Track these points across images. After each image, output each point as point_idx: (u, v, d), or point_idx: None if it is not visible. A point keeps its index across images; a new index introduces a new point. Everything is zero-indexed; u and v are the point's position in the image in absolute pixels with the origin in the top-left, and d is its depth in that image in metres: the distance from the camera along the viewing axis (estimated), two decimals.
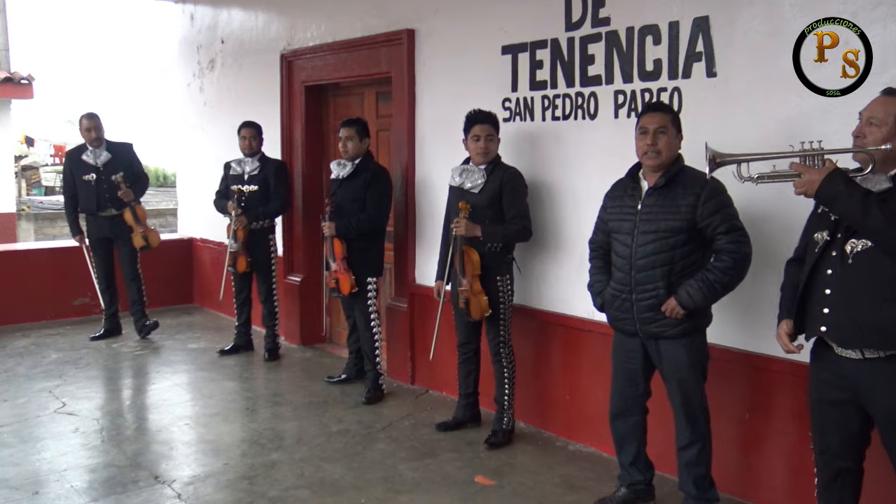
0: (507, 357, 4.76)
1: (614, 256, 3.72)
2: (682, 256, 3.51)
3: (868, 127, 2.85)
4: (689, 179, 3.53)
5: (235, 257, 6.51)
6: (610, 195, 3.81)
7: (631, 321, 3.63)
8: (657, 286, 3.52)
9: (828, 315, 2.87)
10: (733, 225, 3.46)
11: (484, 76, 5.18)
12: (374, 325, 5.64)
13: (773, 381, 3.84)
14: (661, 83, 4.17)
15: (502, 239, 4.60)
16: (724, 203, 3.49)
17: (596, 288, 3.85)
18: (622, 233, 3.64)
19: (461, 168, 4.78)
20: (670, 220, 3.49)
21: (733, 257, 3.45)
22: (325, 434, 4.97)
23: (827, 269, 2.88)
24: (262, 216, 6.50)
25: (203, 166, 8.61)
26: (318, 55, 6.75)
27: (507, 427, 4.80)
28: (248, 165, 6.58)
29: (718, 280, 3.45)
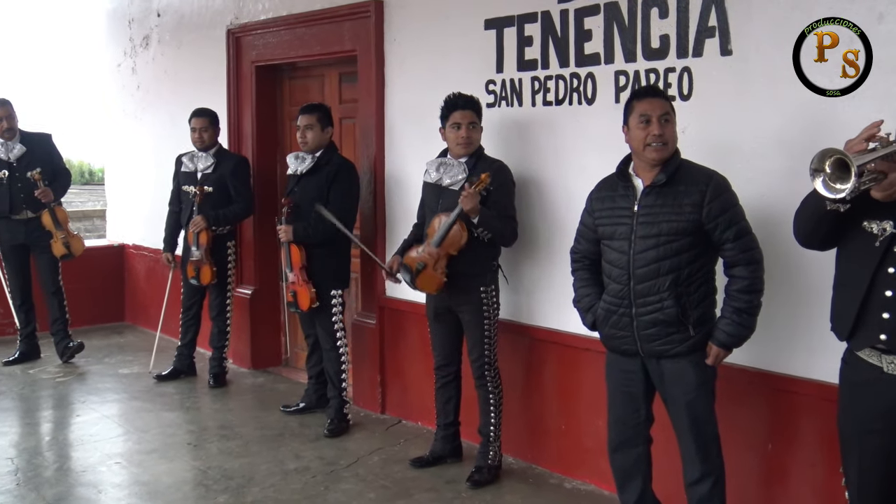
0: (492, 381, 4.78)
1: (608, 266, 3.74)
2: (688, 262, 3.54)
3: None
4: (691, 175, 3.58)
5: (199, 267, 6.48)
6: (596, 196, 3.83)
7: (630, 339, 3.65)
8: (662, 297, 3.54)
9: (889, 321, 2.87)
10: (742, 229, 3.52)
11: (464, 55, 5.21)
12: (341, 344, 5.64)
13: (798, 406, 3.88)
14: (669, 62, 4.22)
15: (496, 230, 4.60)
16: (731, 202, 3.54)
17: (585, 303, 3.87)
18: (617, 238, 3.66)
19: (438, 161, 4.80)
20: (673, 222, 3.53)
21: (750, 270, 3.51)
22: (281, 472, 4.97)
23: (889, 268, 2.88)
24: (221, 220, 6.47)
25: (136, 160, 8.59)
26: (272, 30, 6.76)
27: (493, 462, 4.82)
28: (201, 161, 6.57)
29: (748, 302, 3.53)
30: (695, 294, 3.57)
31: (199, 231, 6.38)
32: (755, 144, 3.92)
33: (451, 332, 4.87)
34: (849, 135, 3.29)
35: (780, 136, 3.84)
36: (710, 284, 3.65)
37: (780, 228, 3.73)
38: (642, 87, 4.08)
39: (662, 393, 3.72)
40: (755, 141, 3.92)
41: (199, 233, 6.39)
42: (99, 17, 9.23)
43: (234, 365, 7.20)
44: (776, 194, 3.79)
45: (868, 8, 3.53)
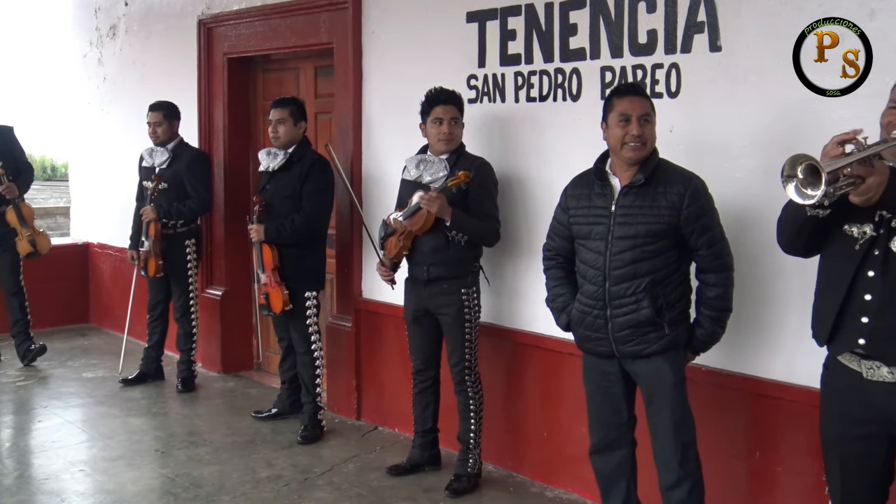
0: (473, 386, 4.79)
1: (583, 266, 3.76)
2: (665, 264, 3.59)
3: None
4: (670, 176, 3.62)
5: (147, 258, 6.49)
6: (571, 193, 3.86)
7: (606, 341, 3.68)
8: (638, 299, 3.58)
9: (868, 325, 2.92)
10: (716, 235, 3.60)
11: (445, 48, 5.22)
12: (315, 348, 5.64)
13: (786, 412, 3.91)
14: (657, 58, 4.25)
15: (472, 232, 4.62)
16: (708, 206, 3.61)
17: (559, 303, 3.90)
18: (593, 238, 3.69)
19: (418, 158, 4.80)
20: (651, 224, 3.56)
21: (721, 277, 3.63)
22: (253, 480, 4.96)
23: (868, 271, 2.92)
24: (173, 214, 6.45)
25: (102, 155, 8.54)
26: (245, 21, 6.74)
27: (473, 470, 4.83)
28: (157, 157, 6.56)
29: (721, 312, 3.66)
30: (671, 295, 3.62)
31: (149, 222, 6.38)
32: (744, 143, 3.96)
33: (430, 335, 4.88)
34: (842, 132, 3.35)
35: (770, 134, 3.87)
36: (685, 285, 3.71)
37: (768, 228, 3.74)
38: (623, 84, 4.10)
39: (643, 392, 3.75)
40: (744, 139, 3.96)
41: (149, 224, 6.39)
42: (64, 4, 9.17)
43: (203, 369, 7.19)
44: (764, 194, 3.81)
45: (859, 4, 3.57)
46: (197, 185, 6.57)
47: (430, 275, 4.70)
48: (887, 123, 2.95)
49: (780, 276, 3.80)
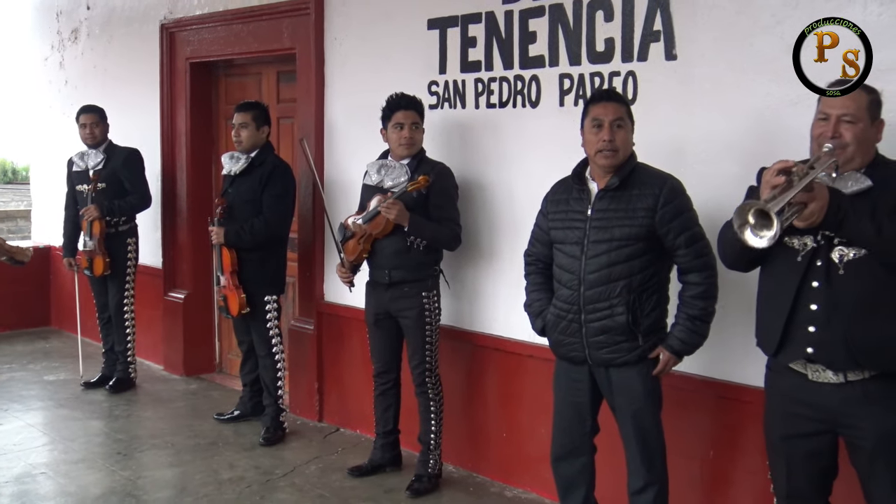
0: (433, 388, 4.78)
1: (559, 271, 3.75)
2: (641, 269, 3.56)
3: (844, 125, 2.96)
4: (645, 178, 3.60)
5: (91, 257, 6.41)
6: (551, 199, 3.85)
7: (579, 346, 3.67)
8: (612, 304, 3.56)
9: (815, 334, 2.95)
10: (694, 234, 3.56)
11: (407, 55, 5.21)
12: (277, 351, 5.61)
13: (741, 413, 3.94)
14: (614, 66, 4.26)
15: (430, 237, 4.61)
16: (684, 207, 3.58)
17: (535, 308, 3.89)
18: (569, 243, 3.68)
19: (379, 163, 4.79)
20: (626, 227, 3.55)
21: (703, 276, 3.56)
22: (215, 482, 4.91)
23: (812, 282, 2.96)
24: (116, 211, 6.40)
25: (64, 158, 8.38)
26: (207, 26, 6.69)
27: (434, 471, 4.82)
28: (91, 159, 6.54)
29: (703, 309, 3.57)
30: (646, 302, 3.59)
31: (92, 220, 6.32)
32: (699, 149, 3.98)
33: (391, 337, 4.86)
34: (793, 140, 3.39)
35: (726, 141, 3.90)
36: (662, 293, 3.67)
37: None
38: (599, 90, 4.10)
39: (610, 402, 3.74)
40: (699, 146, 3.99)
41: (93, 223, 6.33)
42: (25, 8, 9.04)
43: (165, 371, 7.12)
44: (722, 200, 3.83)
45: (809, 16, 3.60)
46: (135, 182, 6.57)
47: (391, 278, 4.68)
48: (818, 135, 3.00)
49: (742, 280, 3.78)
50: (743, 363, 3.87)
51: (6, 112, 9.57)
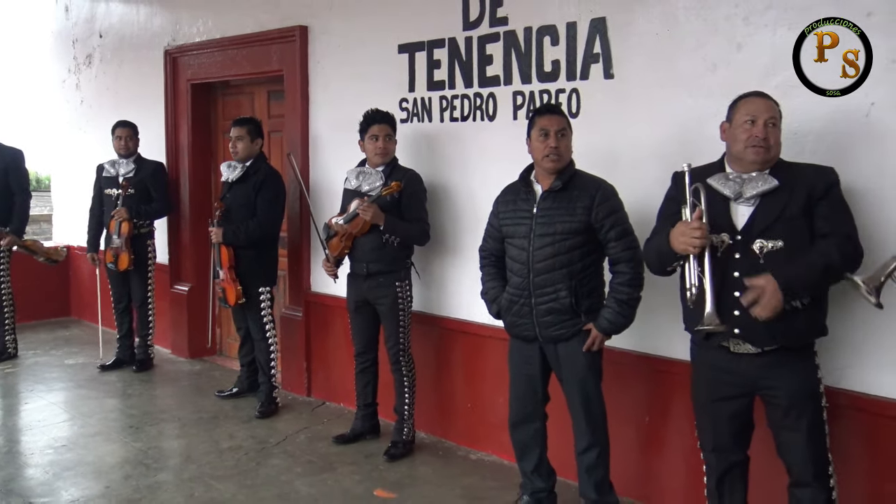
0: (406, 365, 4.78)
1: (510, 262, 3.78)
2: (580, 258, 3.60)
3: (772, 129, 3.00)
4: (583, 182, 3.65)
5: (118, 253, 6.35)
6: (502, 200, 3.88)
7: (530, 326, 3.70)
8: (557, 288, 3.60)
9: (739, 317, 2.99)
10: (624, 229, 3.60)
11: (380, 75, 5.19)
12: (270, 335, 5.58)
13: (672, 383, 3.97)
14: (560, 84, 4.28)
15: (403, 234, 4.61)
16: (616, 206, 3.63)
17: (491, 295, 3.91)
18: (518, 237, 3.71)
19: (357, 170, 4.77)
20: (567, 223, 3.58)
21: (630, 266, 3.59)
22: (216, 451, 4.88)
23: (734, 273, 3.00)
24: (143, 216, 6.38)
25: (81, 169, 8.30)
26: (206, 52, 6.63)
27: (408, 438, 4.82)
28: (122, 167, 6.47)
29: (629, 295, 3.60)
30: (586, 286, 3.63)
31: (122, 221, 6.26)
32: (633, 156, 4.01)
33: (369, 322, 4.85)
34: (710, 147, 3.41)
35: (655, 149, 3.92)
36: (599, 278, 3.72)
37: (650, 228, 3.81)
38: (544, 105, 4.12)
39: (558, 374, 3.77)
40: (633, 153, 4.01)
41: (122, 223, 6.27)
42: (45, 37, 8.92)
43: (172, 355, 7.07)
44: (652, 199, 3.85)
45: (728, 38, 3.64)
46: (161, 192, 6.56)
47: (369, 270, 4.68)
48: (748, 137, 3.00)
49: None
50: (672, 340, 3.90)
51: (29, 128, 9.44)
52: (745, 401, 3.15)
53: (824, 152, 3.31)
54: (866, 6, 3.23)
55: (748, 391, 3.12)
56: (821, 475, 3.05)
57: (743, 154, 3.01)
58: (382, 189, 4.55)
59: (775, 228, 2.95)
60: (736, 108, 3.08)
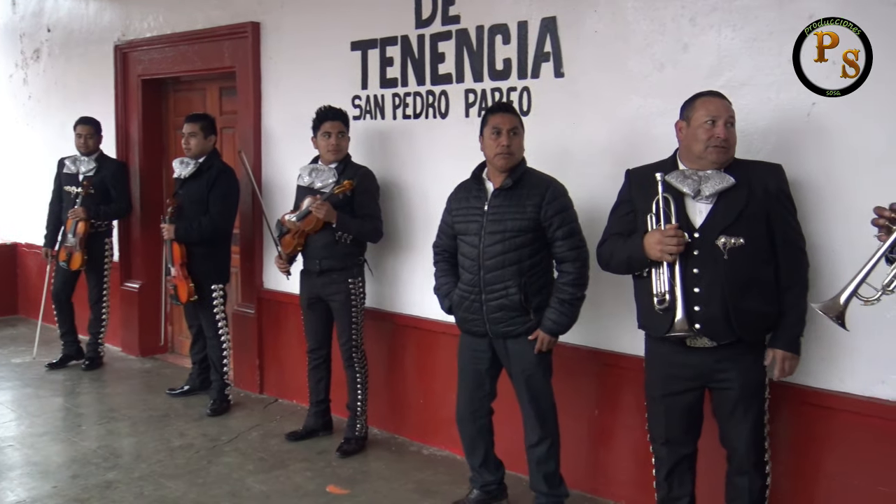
0: (359, 362, 4.76)
1: (462, 258, 3.79)
2: (529, 255, 3.62)
3: (730, 129, 3.05)
4: (534, 181, 3.67)
5: (71, 252, 6.23)
6: (454, 197, 3.89)
7: (480, 322, 3.71)
8: (507, 285, 3.61)
9: (700, 312, 3.03)
10: (572, 229, 3.63)
11: (333, 72, 5.17)
12: (222, 332, 5.52)
13: (620, 378, 4.01)
14: (511, 83, 4.29)
15: (355, 232, 4.59)
16: (565, 206, 3.65)
17: (443, 290, 3.91)
18: (469, 234, 3.72)
19: (311, 167, 4.74)
20: (517, 220, 3.60)
21: (575, 266, 3.61)
22: (167, 449, 4.82)
23: (693, 269, 3.03)
24: (101, 215, 6.27)
25: (28, 164, 8.16)
26: (156, 47, 6.54)
27: (360, 434, 4.80)
28: (83, 165, 6.35)
29: (572, 294, 3.62)
30: (535, 283, 3.65)
31: (78, 220, 6.15)
32: (584, 154, 4.04)
33: (322, 319, 4.83)
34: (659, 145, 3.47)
35: (604, 146, 3.96)
36: (548, 276, 3.73)
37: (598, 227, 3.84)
38: (496, 103, 4.11)
39: (508, 369, 3.79)
40: (584, 150, 4.04)
41: (78, 223, 6.16)
42: None
43: (123, 353, 6.96)
44: (602, 195, 3.89)
45: (675, 41, 3.69)
46: (122, 192, 6.46)
47: (322, 267, 4.65)
48: (708, 138, 3.04)
49: None
50: (620, 335, 3.95)
51: None
52: (697, 394, 3.20)
53: (770, 150, 3.38)
54: (807, 8, 3.30)
55: (700, 385, 3.17)
56: (759, 463, 3.16)
57: (704, 154, 3.05)
58: (335, 188, 4.53)
59: (737, 226, 3.01)
60: (693, 108, 3.11)
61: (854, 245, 3.15)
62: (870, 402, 3.27)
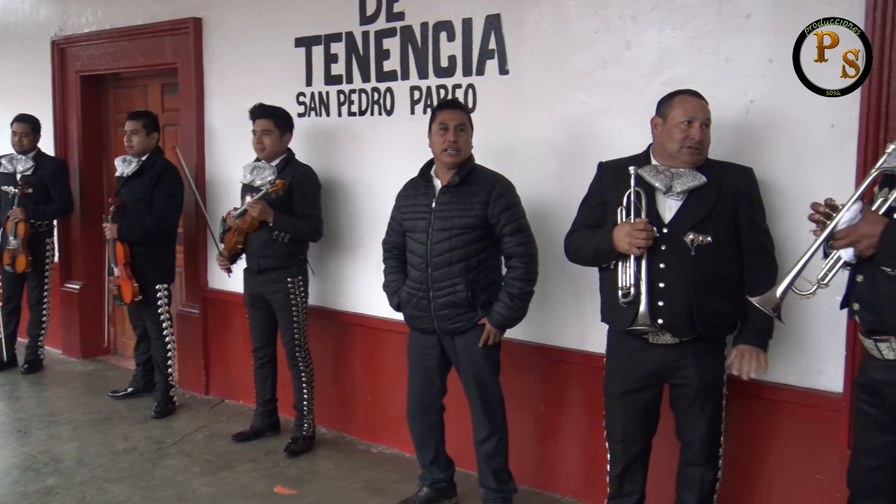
0: (303, 360, 4.72)
1: (410, 255, 3.77)
2: (477, 252, 3.62)
3: (705, 130, 3.08)
4: (481, 178, 3.66)
5: (14, 255, 6.06)
6: (403, 195, 3.87)
7: (428, 319, 3.70)
8: (454, 282, 3.61)
9: (664, 308, 3.04)
10: (520, 225, 3.63)
11: (277, 69, 5.10)
12: (167, 333, 5.42)
13: (567, 373, 4.04)
14: (456, 80, 4.28)
15: (292, 231, 4.54)
16: (512, 202, 3.65)
17: (392, 287, 3.89)
18: (417, 231, 3.70)
19: (252, 165, 4.69)
20: (465, 217, 3.59)
21: (524, 261, 3.62)
22: (110, 453, 4.72)
23: (659, 264, 3.05)
24: (41, 215, 6.11)
25: None
26: (95, 43, 6.39)
27: (308, 433, 4.76)
28: (20, 164, 6.17)
29: (521, 289, 3.62)
30: (483, 280, 3.64)
31: (18, 222, 5.99)
32: (528, 150, 4.05)
33: (265, 317, 4.77)
34: (603, 141, 3.49)
35: (549, 142, 3.98)
36: (496, 272, 3.73)
37: (550, 220, 3.88)
38: (445, 100, 4.10)
39: (456, 365, 3.79)
40: (528, 147, 4.05)
41: (18, 224, 5.99)
42: None
43: (64, 355, 6.80)
44: (546, 191, 3.93)
45: (618, 39, 3.72)
46: (61, 190, 6.28)
47: (261, 266, 4.62)
48: (683, 139, 3.06)
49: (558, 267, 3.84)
50: (567, 330, 3.98)
51: None
52: (656, 391, 3.23)
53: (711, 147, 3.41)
54: (745, 8, 3.36)
55: (659, 381, 3.20)
56: (712, 457, 3.21)
57: (678, 154, 3.07)
58: (269, 187, 4.49)
59: (705, 224, 3.03)
60: (670, 106, 3.11)
61: (791, 240, 3.21)
62: (808, 392, 3.35)
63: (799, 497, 3.39)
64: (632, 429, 3.26)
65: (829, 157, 3.21)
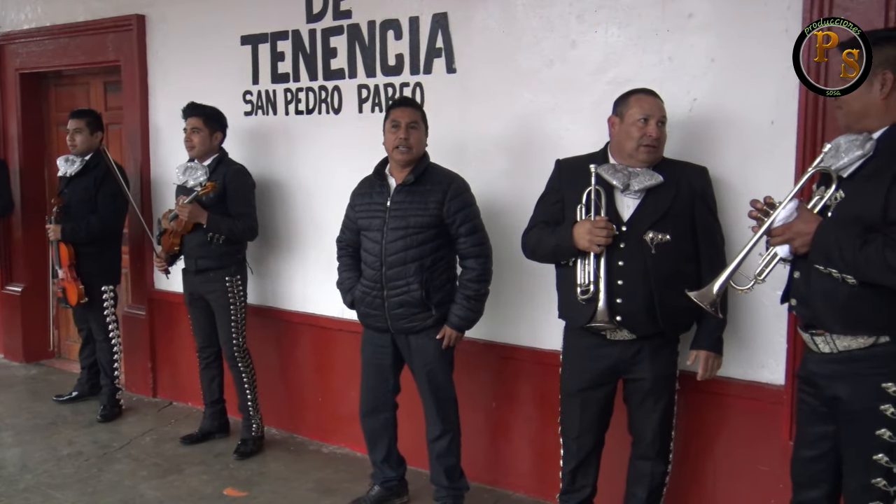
0: (243, 361, 4.66)
1: (364, 254, 3.75)
2: (431, 251, 3.61)
3: (661, 128, 3.10)
4: (436, 177, 3.66)
5: None
6: (357, 193, 3.84)
7: (382, 318, 3.69)
8: (409, 282, 3.60)
9: (622, 304, 3.07)
10: (475, 225, 3.63)
11: (223, 67, 5.04)
12: (113, 335, 5.32)
13: (518, 370, 4.06)
14: (404, 78, 4.27)
15: (227, 231, 4.49)
16: (467, 202, 3.65)
17: (346, 285, 3.87)
18: (372, 230, 3.68)
19: (185, 165, 4.63)
20: (420, 217, 3.59)
21: (479, 262, 3.62)
22: (55, 458, 4.62)
23: (618, 262, 3.07)
24: None
25: None
26: (35, 40, 6.24)
27: (257, 434, 4.72)
28: None
29: (477, 290, 3.63)
30: (437, 280, 3.64)
31: None
32: (476, 148, 4.05)
33: (205, 316, 4.72)
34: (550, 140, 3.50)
35: (497, 141, 3.99)
36: (451, 272, 3.73)
37: (500, 219, 3.89)
38: (398, 98, 4.10)
39: (409, 364, 3.78)
40: (476, 145, 4.06)
41: None
42: None
43: (6, 359, 6.65)
44: (496, 190, 3.94)
45: (564, 37, 3.74)
46: (1, 191, 6.17)
47: (199, 266, 4.58)
48: (641, 136, 3.08)
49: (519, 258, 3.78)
50: (517, 327, 4.00)
51: None
52: (612, 387, 3.26)
53: None
54: (687, 8, 3.40)
55: (617, 376, 3.23)
56: (663, 451, 3.26)
57: (635, 153, 3.09)
58: (199, 190, 4.44)
59: (664, 222, 3.06)
60: (627, 105, 3.13)
61: (735, 234, 3.26)
62: (751, 385, 3.41)
63: (743, 488, 3.45)
64: (587, 425, 3.29)
65: (770, 154, 3.27)
